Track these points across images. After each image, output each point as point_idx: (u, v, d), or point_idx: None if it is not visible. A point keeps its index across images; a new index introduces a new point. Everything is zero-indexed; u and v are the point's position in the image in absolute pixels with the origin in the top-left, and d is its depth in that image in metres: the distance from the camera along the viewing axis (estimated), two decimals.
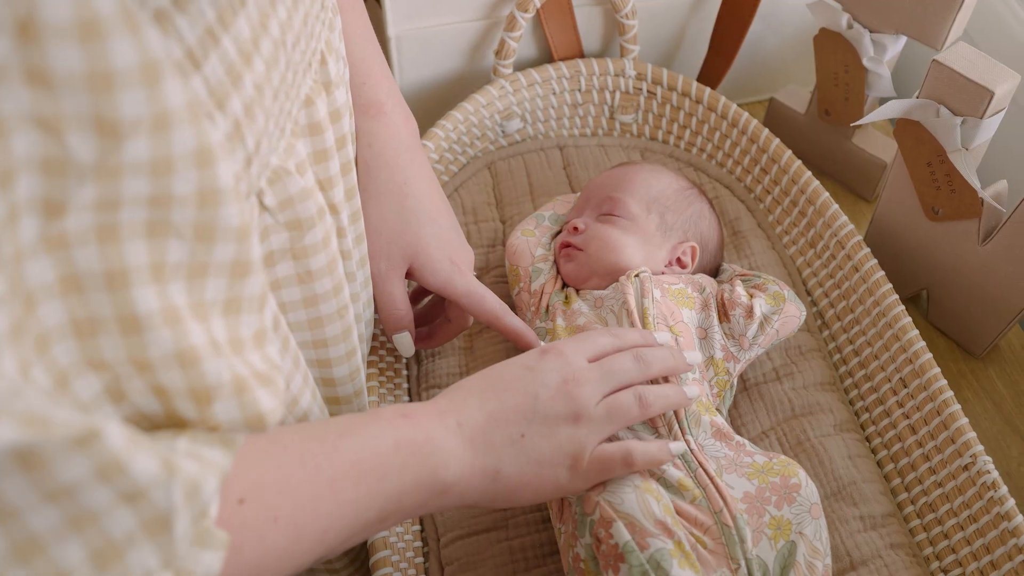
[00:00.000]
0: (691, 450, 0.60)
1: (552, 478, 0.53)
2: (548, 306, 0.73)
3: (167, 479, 0.31)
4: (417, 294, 0.75)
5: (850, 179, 0.94)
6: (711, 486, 0.59)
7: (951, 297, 0.80)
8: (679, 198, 0.77)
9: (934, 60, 0.69)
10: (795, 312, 0.72)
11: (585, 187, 0.80)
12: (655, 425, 0.62)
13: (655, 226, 0.74)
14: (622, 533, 0.54)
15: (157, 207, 0.31)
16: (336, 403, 0.58)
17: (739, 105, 1.04)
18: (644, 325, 0.66)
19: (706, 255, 0.77)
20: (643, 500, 0.55)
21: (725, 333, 0.69)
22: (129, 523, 0.31)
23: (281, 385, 0.38)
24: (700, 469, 0.60)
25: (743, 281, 0.74)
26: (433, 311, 0.74)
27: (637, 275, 0.70)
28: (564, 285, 0.75)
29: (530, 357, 0.55)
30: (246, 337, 0.37)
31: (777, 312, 0.70)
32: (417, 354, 0.78)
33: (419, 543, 0.67)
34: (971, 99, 0.68)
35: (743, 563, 0.56)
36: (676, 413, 0.62)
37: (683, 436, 0.61)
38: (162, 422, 0.34)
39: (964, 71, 0.68)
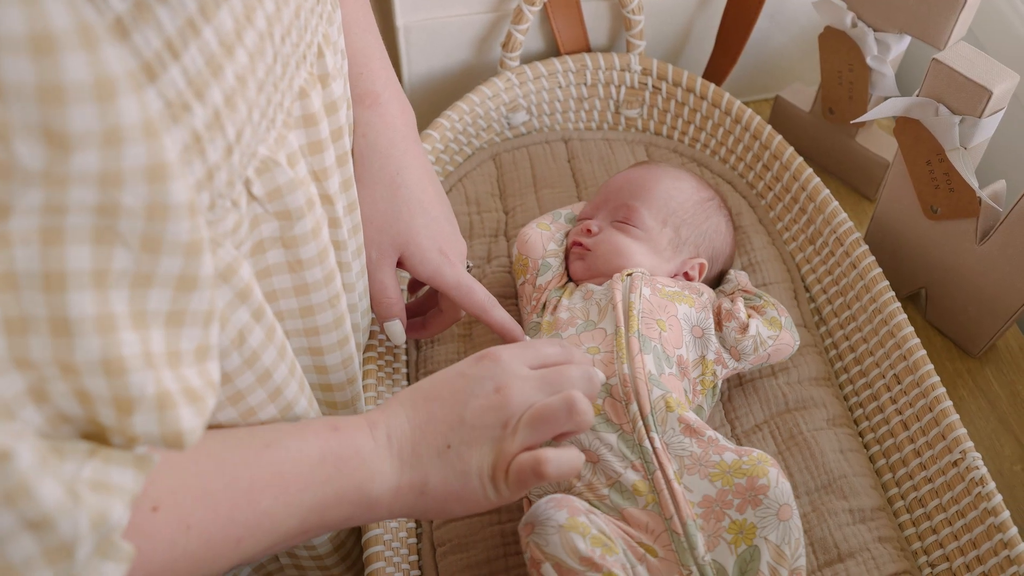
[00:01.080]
0: (654, 449, 0.60)
1: (478, 490, 0.51)
2: (546, 302, 0.74)
3: (72, 508, 0.31)
4: (414, 285, 0.76)
5: (853, 178, 0.95)
6: (665, 491, 0.59)
7: (949, 296, 0.81)
8: (697, 211, 0.77)
9: (934, 59, 0.70)
10: (789, 341, 0.72)
11: (605, 184, 0.80)
12: (619, 422, 0.62)
13: (668, 240, 0.75)
14: (551, 574, 0.54)
15: (104, 216, 0.32)
16: (330, 390, 0.59)
17: (745, 103, 1.05)
18: (628, 319, 0.66)
19: (714, 268, 0.78)
20: (567, 540, 0.54)
21: (720, 341, 0.70)
22: (30, 549, 0.31)
23: (211, 405, 0.37)
24: (659, 471, 0.60)
25: (744, 298, 0.74)
26: (428, 302, 0.75)
27: (630, 274, 0.70)
28: (567, 282, 0.76)
29: (467, 363, 0.54)
30: (186, 350, 0.37)
31: (773, 337, 0.70)
32: (416, 341, 0.79)
33: (412, 524, 0.68)
34: (969, 98, 0.69)
35: (694, 569, 0.57)
36: (641, 410, 0.61)
37: (647, 434, 0.61)
38: (82, 426, 0.34)
39: (963, 70, 0.68)
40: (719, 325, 0.70)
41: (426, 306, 0.75)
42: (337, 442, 0.49)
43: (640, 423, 0.61)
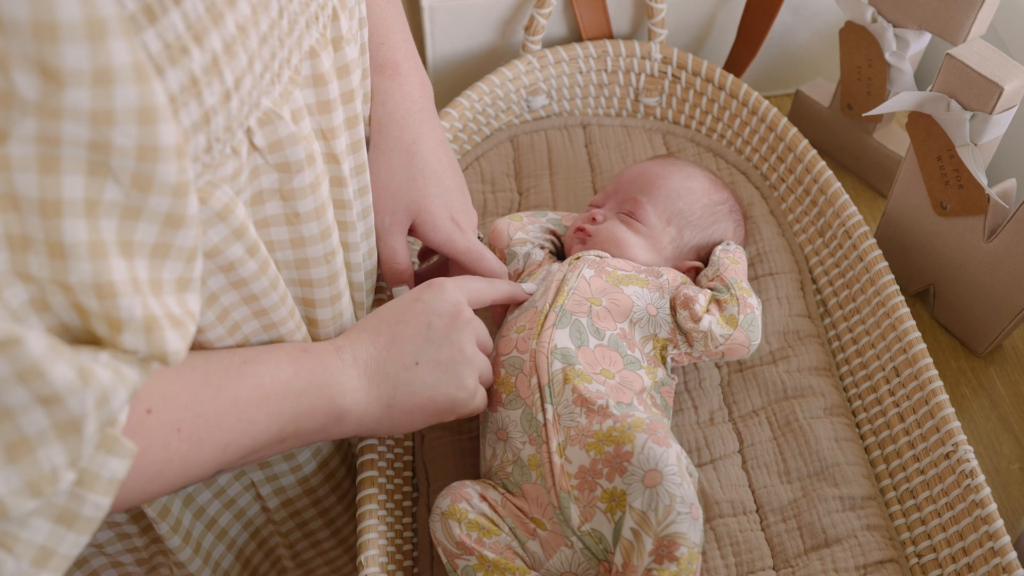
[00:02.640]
0: (545, 422, 0.62)
1: (447, 399, 0.58)
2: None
3: (82, 387, 0.35)
4: (424, 253, 0.78)
5: (870, 174, 0.95)
6: (546, 463, 0.61)
7: (956, 294, 0.81)
8: (704, 215, 0.77)
9: (947, 54, 0.70)
10: (743, 341, 0.70)
11: (619, 174, 0.81)
12: (524, 397, 0.63)
13: (669, 239, 0.75)
14: (442, 557, 0.61)
15: (96, 151, 0.34)
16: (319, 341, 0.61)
17: (767, 96, 1.05)
18: (556, 296, 0.67)
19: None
20: (446, 526, 0.61)
21: (675, 324, 0.70)
22: (42, 423, 0.34)
23: (192, 331, 0.41)
24: (544, 444, 0.61)
25: (715, 291, 0.72)
26: (438, 271, 0.76)
27: (578, 257, 0.71)
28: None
29: (418, 290, 0.60)
30: (167, 280, 0.40)
31: (725, 336, 0.69)
32: None
33: (409, 441, 0.72)
34: (981, 94, 0.69)
35: (574, 540, 0.59)
36: (540, 382, 0.63)
37: (542, 405, 0.62)
38: (81, 337, 0.37)
39: (975, 65, 0.68)
40: (674, 310, 0.70)
41: (436, 275, 0.77)
42: (308, 360, 0.54)
43: (537, 395, 0.63)
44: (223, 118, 0.41)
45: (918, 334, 0.71)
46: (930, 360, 0.70)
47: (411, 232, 0.68)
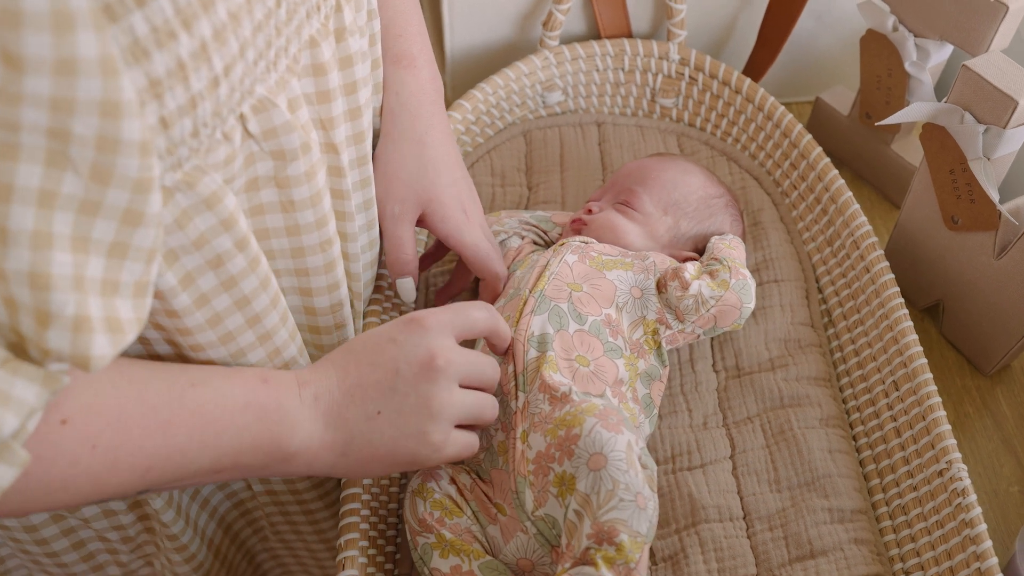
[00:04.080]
0: (516, 410, 0.62)
1: (408, 454, 0.54)
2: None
3: None
4: (435, 252, 0.78)
5: (886, 185, 0.94)
6: (510, 448, 0.61)
7: (965, 311, 0.79)
8: (701, 207, 0.77)
9: (963, 65, 0.69)
10: (735, 302, 0.70)
11: (617, 171, 0.81)
12: (502, 385, 0.63)
13: (666, 228, 0.75)
14: (406, 532, 0.62)
15: (55, 139, 0.34)
16: (317, 332, 0.61)
17: (788, 103, 1.04)
18: (537, 281, 0.67)
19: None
20: (412, 504, 0.61)
21: (662, 303, 0.69)
22: None
23: (130, 339, 0.39)
24: (512, 430, 0.61)
25: (708, 265, 0.72)
26: (436, 254, 0.77)
27: (563, 243, 0.71)
28: (533, 252, 0.76)
29: (396, 328, 0.55)
30: (125, 283, 0.39)
31: (715, 298, 0.69)
32: (425, 295, 0.81)
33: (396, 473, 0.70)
34: (995, 107, 0.67)
35: (529, 525, 0.59)
36: (515, 369, 0.62)
37: (516, 392, 0.62)
38: (6, 334, 0.36)
39: (991, 78, 0.67)
40: (664, 285, 0.70)
41: (434, 258, 0.77)
42: (264, 393, 0.50)
43: (512, 383, 0.63)
44: (211, 104, 0.41)
45: (920, 349, 0.70)
46: (930, 376, 0.69)
47: (420, 222, 0.68)
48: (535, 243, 0.79)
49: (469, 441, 0.58)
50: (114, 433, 0.43)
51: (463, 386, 0.56)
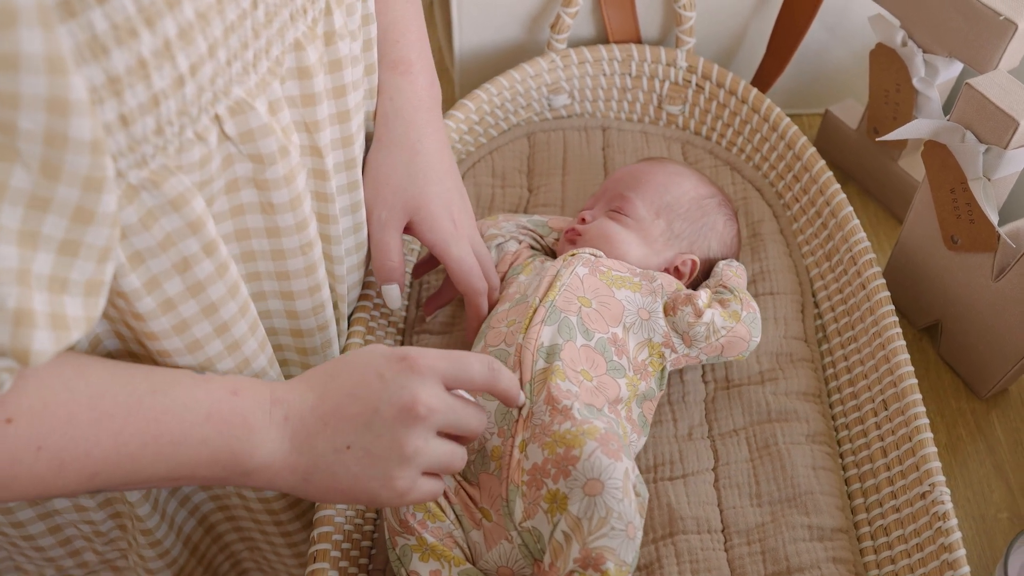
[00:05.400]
0: (518, 418, 0.61)
1: (369, 493, 0.52)
2: (506, 277, 0.75)
3: None
4: (428, 261, 0.77)
5: (892, 201, 0.93)
6: (506, 456, 0.60)
7: (962, 332, 0.78)
8: (693, 207, 0.76)
9: (966, 83, 0.68)
10: (744, 335, 0.70)
11: (608, 178, 0.81)
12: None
13: (660, 231, 0.75)
14: (385, 531, 0.61)
15: (3, 133, 0.33)
16: (300, 336, 0.61)
17: (798, 114, 1.03)
18: (548, 291, 0.67)
19: (707, 266, 0.77)
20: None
21: (669, 326, 0.69)
22: None
23: (75, 337, 0.38)
24: (510, 438, 0.61)
25: (718, 292, 0.73)
26: (429, 264, 0.76)
27: (574, 254, 0.71)
28: (534, 257, 0.76)
29: (386, 363, 0.52)
30: (75, 280, 0.38)
31: (727, 328, 0.69)
32: (418, 301, 0.81)
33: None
34: (997, 127, 0.66)
35: (514, 535, 0.59)
36: (521, 378, 0.62)
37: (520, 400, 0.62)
38: None
39: (994, 97, 0.66)
40: (673, 309, 0.69)
41: (428, 267, 0.77)
42: (229, 406, 0.48)
43: (522, 390, 0.62)
44: (176, 103, 0.41)
45: (910, 369, 0.69)
46: (919, 397, 0.68)
47: (408, 230, 0.68)
48: (532, 248, 0.79)
49: (433, 489, 0.55)
50: (62, 437, 0.42)
51: (441, 434, 0.54)
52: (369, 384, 0.51)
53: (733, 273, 0.75)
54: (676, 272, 0.75)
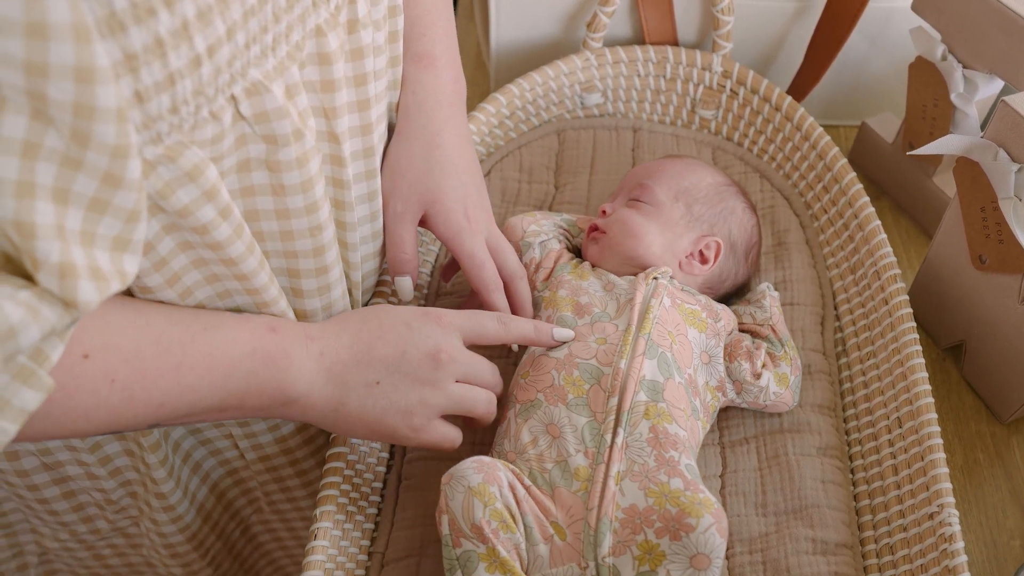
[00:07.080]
0: (612, 444, 0.61)
1: (390, 427, 0.58)
2: (552, 276, 0.74)
3: None
4: (452, 267, 0.78)
5: (924, 218, 0.91)
6: (599, 483, 0.60)
7: (986, 354, 0.77)
8: (711, 192, 0.76)
9: (1001, 100, 0.66)
10: (789, 401, 0.72)
11: (625, 176, 0.81)
12: (595, 410, 0.63)
13: (680, 215, 0.75)
14: (444, 526, 0.58)
15: (34, 99, 0.35)
16: (304, 317, 0.62)
17: (835, 126, 1.02)
18: (643, 322, 0.66)
19: (733, 258, 0.77)
20: (468, 503, 0.57)
21: (726, 372, 0.70)
22: None
23: (115, 288, 0.41)
24: (604, 465, 0.60)
25: (767, 344, 0.73)
26: (455, 265, 0.77)
27: (655, 277, 0.70)
28: (580, 261, 0.76)
29: (412, 315, 0.59)
30: (101, 235, 0.41)
31: (777, 395, 0.71)
32: (436, 301, 0.81)
33: (385, 454, 0.71)
34: None
35: (592, 565, 0.58)
36: (620, 406, 0.62)
37: (615, 428, 0.62)
38: (19, 269, 0.39)
39: None
40: (731, 357, 0.70)
41: (455, 269, 0.77)
42: (272, 341, 0.53)
43: (612, 417, 0.62)
44: (192, 82, 0.42)
45: (927, 388, 0.68)
46: (934, 416, 0.67)
47: (422, 223, 0.68)
48: (568, 249, 0.79)
49: (449, 434, 0.61)
50: (131, 370, 0.47)
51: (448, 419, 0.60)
52: (398, 330, 0.58)
53: (779, 311, 0.75)
54: (701, 257, 0.74)
